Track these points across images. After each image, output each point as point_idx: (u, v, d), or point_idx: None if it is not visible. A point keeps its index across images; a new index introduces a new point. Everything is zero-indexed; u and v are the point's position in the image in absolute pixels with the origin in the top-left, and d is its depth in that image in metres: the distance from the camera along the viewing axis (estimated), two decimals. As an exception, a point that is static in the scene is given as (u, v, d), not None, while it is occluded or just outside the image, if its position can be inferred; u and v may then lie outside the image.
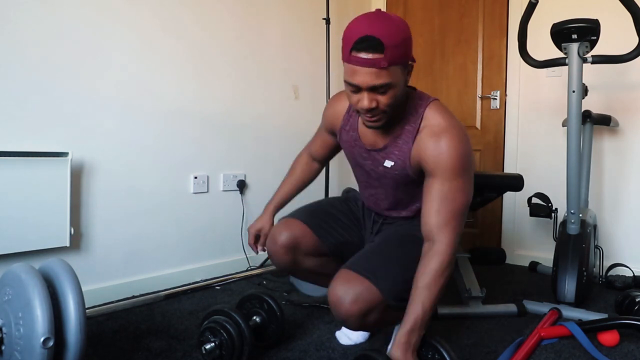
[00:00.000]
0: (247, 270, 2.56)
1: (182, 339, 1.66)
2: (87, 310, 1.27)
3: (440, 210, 1.24)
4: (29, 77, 1.84)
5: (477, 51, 3.08)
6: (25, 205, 1.77)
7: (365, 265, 1.29)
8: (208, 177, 2.50)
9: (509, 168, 2.92)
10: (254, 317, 1.59)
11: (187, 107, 2.39)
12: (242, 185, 2.66)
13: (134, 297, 2.08)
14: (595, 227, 2.38)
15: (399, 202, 1.48)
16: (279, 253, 1.51)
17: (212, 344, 1.40)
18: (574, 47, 1.99)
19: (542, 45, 2.32)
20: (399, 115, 1.31)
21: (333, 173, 3.12)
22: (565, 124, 2.38)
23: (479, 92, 3.08)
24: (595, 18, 1.94)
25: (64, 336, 1.19)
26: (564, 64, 2.06)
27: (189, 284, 2.29)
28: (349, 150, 1.48)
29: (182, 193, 2.39)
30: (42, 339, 1.12)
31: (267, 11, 2.80)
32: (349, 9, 3.30)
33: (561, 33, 1.99)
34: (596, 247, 2.40)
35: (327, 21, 2.79)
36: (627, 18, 1.95)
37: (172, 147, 2.33)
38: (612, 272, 2.46)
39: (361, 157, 1.44)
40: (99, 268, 2.06)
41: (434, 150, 1.26)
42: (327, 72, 2.82)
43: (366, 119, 1.26)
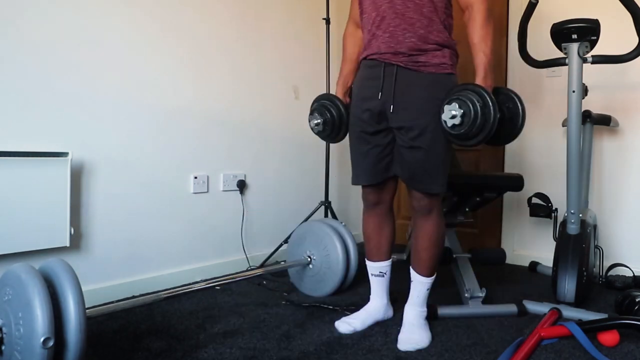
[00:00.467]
0: (247, 270, 2.56)
1: (182, 339, 1.66)
2: (87, 310, 1.27)
3: None
4: (29, 77, 1.84)
5: (477, 51, 3.07)
6: (25, 205, 1.77)
7: (422, 181, 1.63)
8: (208, 177, 2.50)
9: (509, 168, 2.92)
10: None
11: (188, 107, 2.39)
12: (242, 185, 2.66)
13: (134, 297, 2.08)
14: (595, 227, 2.38)
15: (412, 25, 1.59)
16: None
17: (319, 120, 1.80)
18: (574, 47, 1.99)
19: (542, 45, 2.31)
20: None
21: (333, 173, 3.12)
22: (565, 124, 2.38)
23: (479, 92, 3.07)
24: (595, 18, 1.94)
25: (64, 336, 1.19)
26: (564, 64, 2.06)
27: (189, 284, 2.29)
28: None
29: (182, 193, 2.39)
30: (42, 339, 1.12)
31: (267, 11, 2.81)
32: (348, 9, 3.29)
33: (561, 33, 1.99)
34: (596, 247, 2.40)
35: (327, 21, 2.78)
36: (627, 18, 1.95)
37: (172, 147, 2.33)
38: (612, 272, 2.46)
39: None
40: (99, 268, 2.06)
41: None
42: (327, 72, 2.82)
43: None
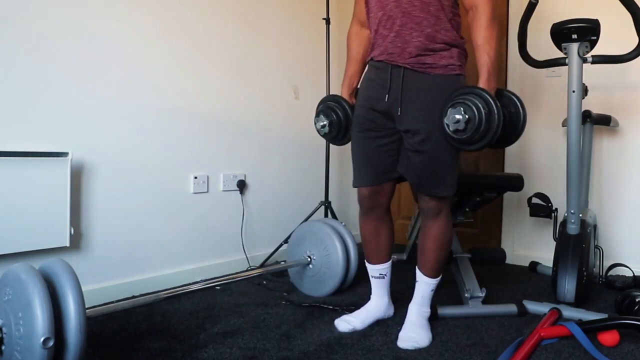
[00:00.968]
0: (247, 270, 2.56)
1: (182, 339, 1.66)
2: (87, 310, 1.27)
3: None
4: (29, 77, 1.84)
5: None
6: (25, 205, 1.77)
7: (430, 184, 1.62)
8: (208, 177, 2.50)
9: (509, 168, 2.91)
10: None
11: (188, 107, 2.39)
12: (242, 185, 2.66)
13: (134, 297, 2.08)
14: (595, 227, 2.38)
15: (419, 24, 1.54)
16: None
17: (325, 122, 1.80)
18: (574, 47, 1.99)
19: (542, 45, 2.31)
20: None
21: (333, 173, 3.12)
22: (565, 124, 2.38)
23: (479, 92, 3.07)
24: (595, 18, 1.94)
25: (64, 336, 1.19)
26: (564, 64, 2.06)
27: (189, 284, 2.29)
28: None
29: (182, 193, 2.39)
30: (42, 339, 1.12)
31: (267, 11, 2.81)
32: (348, 9, 3.28)
33: (561, 33, 1.99)
34: (596, 247, 2.40)
35: (327, 21, 2.78)
36: (627, 18, 1.95)
37: (172, 147, 2.33)
38: (612, 272, 2.46)
39: None
40: (99, 268, 2.06)
41: None
42: (327, 72, 2.82)
43: None
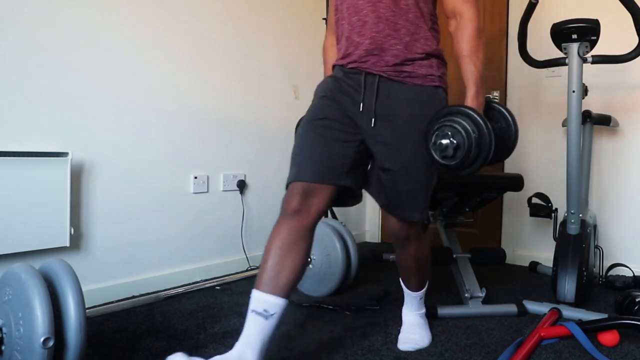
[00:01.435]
0: (247, 270, 2.56)
1: (182, 339, 1.66)
2: (87, 310, 1.27)
3: None
4: (29, 77, 1.84)
5: (477, 51, 3.07)
6: (25, 205, 1.77)
7: (401, 206, 1.46)
8: (208, 177, 2.50)
9: (509, 168, 2.91)
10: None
11: (188, 107, 2.39)
12: (242, 185, 2.66)
13: (134, 297, 2.08)
14: (595, 227, 2.39)
15: (397, 31, 1.41)
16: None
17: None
18: (574, 47, 1.99)
19: (542, 45, 2.31)
20: None
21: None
22: (565, 124, 2.38)
23: (479, 92, 3.07)
24: (595, 18, 1.94)
25: (64, 336, 1.19)
26: (564, 64, 2.06)
27: (189, 284, 2.30)
28: None
29: (182, 193, 2.39)
30: (42, 339, 1.12)
31: (267, 11, 2.80)
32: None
33: (561, 33, 1.99)
34: (596, 247, 2.40)
35: (327, 21, 2.78)
36: (627, 18, 1.95)
37: (172, 147, 2.33)
38: (612, 272, 2.46)
39: None
40: (99, 268, 2.06)
41: None
42: (327, 72, 2.82)
43: None
